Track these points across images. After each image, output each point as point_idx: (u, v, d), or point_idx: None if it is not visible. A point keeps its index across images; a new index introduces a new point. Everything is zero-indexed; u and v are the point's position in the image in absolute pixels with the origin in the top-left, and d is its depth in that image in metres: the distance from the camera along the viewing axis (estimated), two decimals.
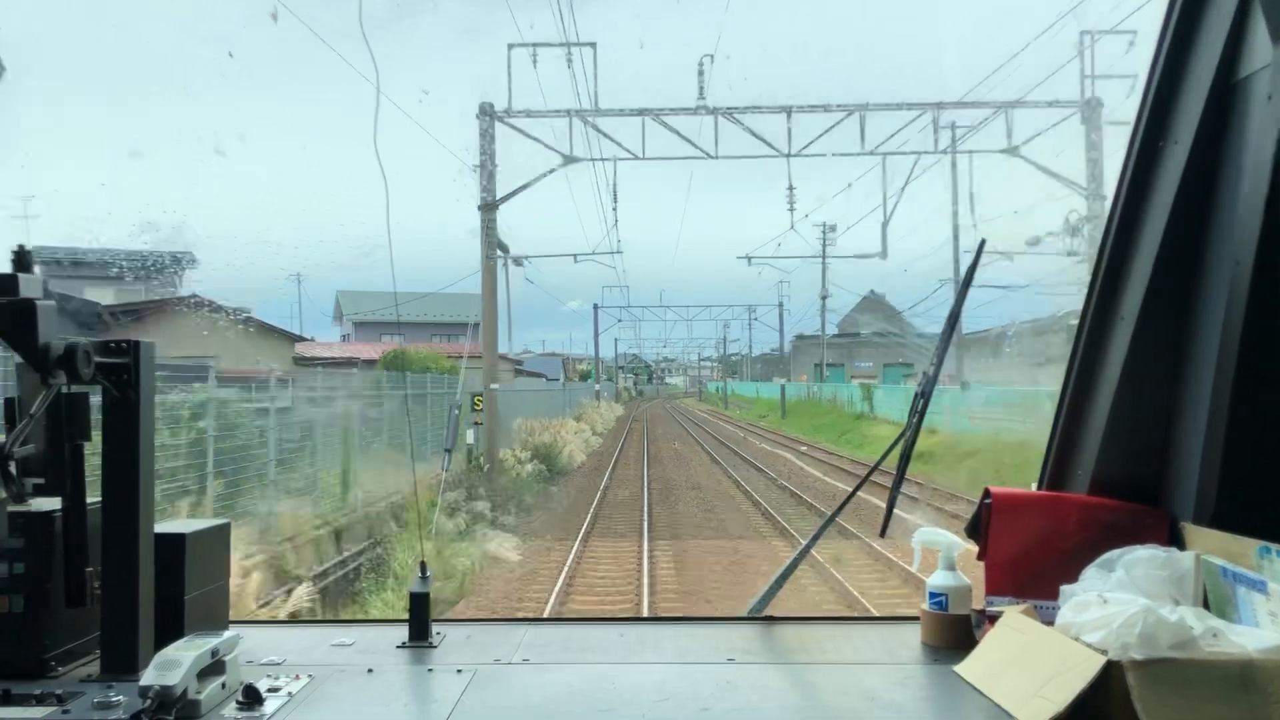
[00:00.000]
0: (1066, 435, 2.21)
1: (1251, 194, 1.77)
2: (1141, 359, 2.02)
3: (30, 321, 1.64)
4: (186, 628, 1.86)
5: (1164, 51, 2.00)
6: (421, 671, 1.92)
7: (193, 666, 1.57)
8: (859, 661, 1.97)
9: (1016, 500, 2.08)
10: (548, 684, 1.83)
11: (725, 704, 1.71)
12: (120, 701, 1.61)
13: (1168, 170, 1.98)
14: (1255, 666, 1.49)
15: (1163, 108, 2.01)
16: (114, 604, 1.81)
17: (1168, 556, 1.77)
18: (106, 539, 1.81)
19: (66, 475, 1.78)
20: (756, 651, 2.04)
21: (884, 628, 2.22)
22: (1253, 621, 1.64)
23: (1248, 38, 1.82)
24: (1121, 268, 2.09)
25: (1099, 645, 1.56)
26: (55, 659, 1.83)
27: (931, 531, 2.14)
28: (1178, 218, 1.94)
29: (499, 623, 2.32)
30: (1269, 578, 1.61)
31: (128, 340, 1.80)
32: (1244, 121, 1.83)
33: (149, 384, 1.83)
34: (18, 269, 1.67)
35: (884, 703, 1.72)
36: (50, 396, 1.68)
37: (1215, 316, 1.87)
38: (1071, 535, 2.00)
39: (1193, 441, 1.93)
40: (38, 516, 1.80)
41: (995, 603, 2.00)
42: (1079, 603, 1.69)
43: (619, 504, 19.69)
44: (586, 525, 16.77)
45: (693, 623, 2.29)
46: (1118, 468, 2.07)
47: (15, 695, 1.65)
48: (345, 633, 2.15)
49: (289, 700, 1.71)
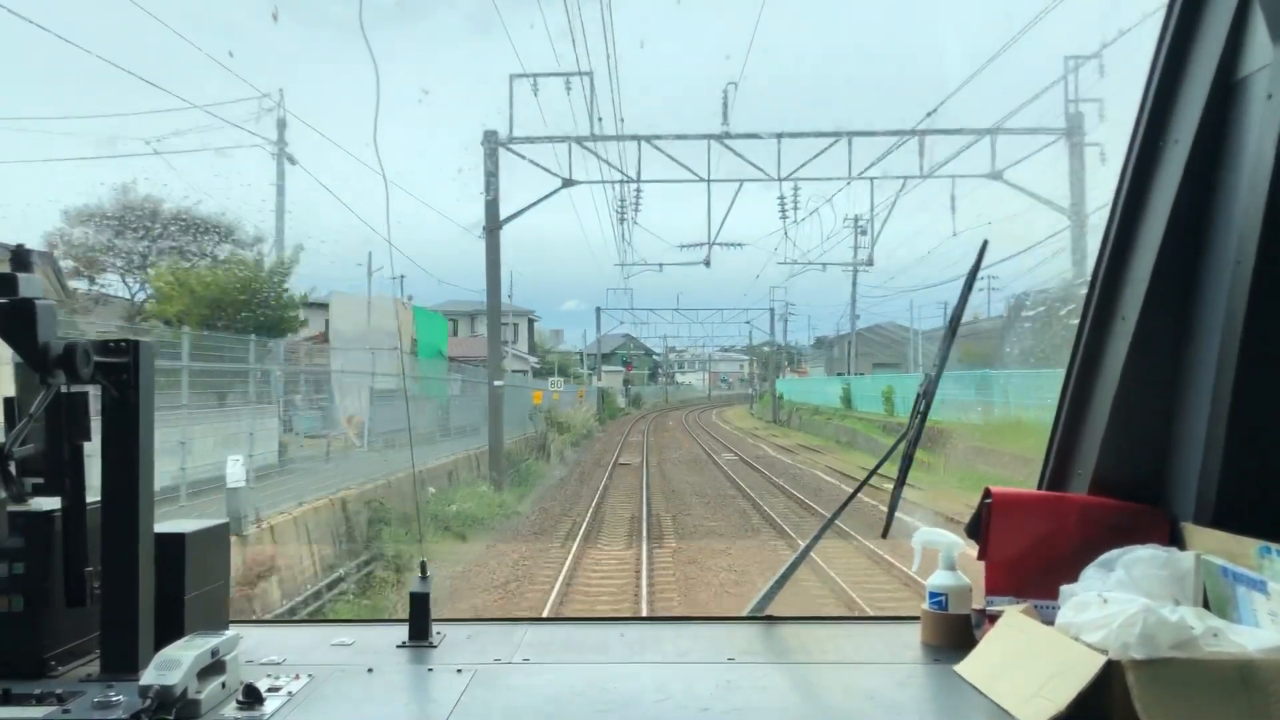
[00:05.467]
0: (1066, 435, 2.21)
1: (1251, 194, 1.77)
2: (1141, 359, 2.02)
3: (29, 321, 1.64)
4: (186, 627, 1.86)
5: (1164, 51, 2.00)
6: (421, 671, 1.92)
7: (193, 666, 1.57)
8: (859, 661, 1.97)
9: (1016, 500, 2.08)
10: (548, 684, 1.82)
11: (725, 704, 1.71)
12: (120, 701, 1.61)
13: (1168, 170, 1.98)
14: (1255, 666, 1.49)
15: (1163, 108, 2.01)
16: (114, 604, 1.81)
17: (1168, 556, 1.77)
18: (106, 539, 1.81)
19: (66, 475, 1.78)
20: (756, 651, 2.04)
21: (884, 627, 2.22)
22: (1253, 621, 1.64)
23: (1247, 38, 1.83)
24: (1121, 268, 2.09)
25: (1099, 645, 1.56)
26: (55, 659, 1.82)
27: (931, 532, 2.14)
28: (1178, 218, 1.94)
29: (499, 622, 2.32)
30: (1269, 577, 1.61)
31: (127, 340, 1.80)
32: (1244, 121, 1.83)
33: (149, 383, 1.83)
34: (16, 268, 1.67)
35: (884, 703, 1.72)
36: (49, 396, 1.68)
37: (1215, 316, 1.87)
38: (1071, 535, 2.00)
39: (1193, 441, 1.93)
40: (37, 516, 1.80)
41: (995, 602, 2.00)
42: (1079, 602, 1.69)
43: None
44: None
45: (693, 623, 2.29)
46: (1118, 468, 2.07)
47: (15, 695, 1.65)
48: (345, 632, 2.15)
49: (289, 700, 1.71)
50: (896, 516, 2.33)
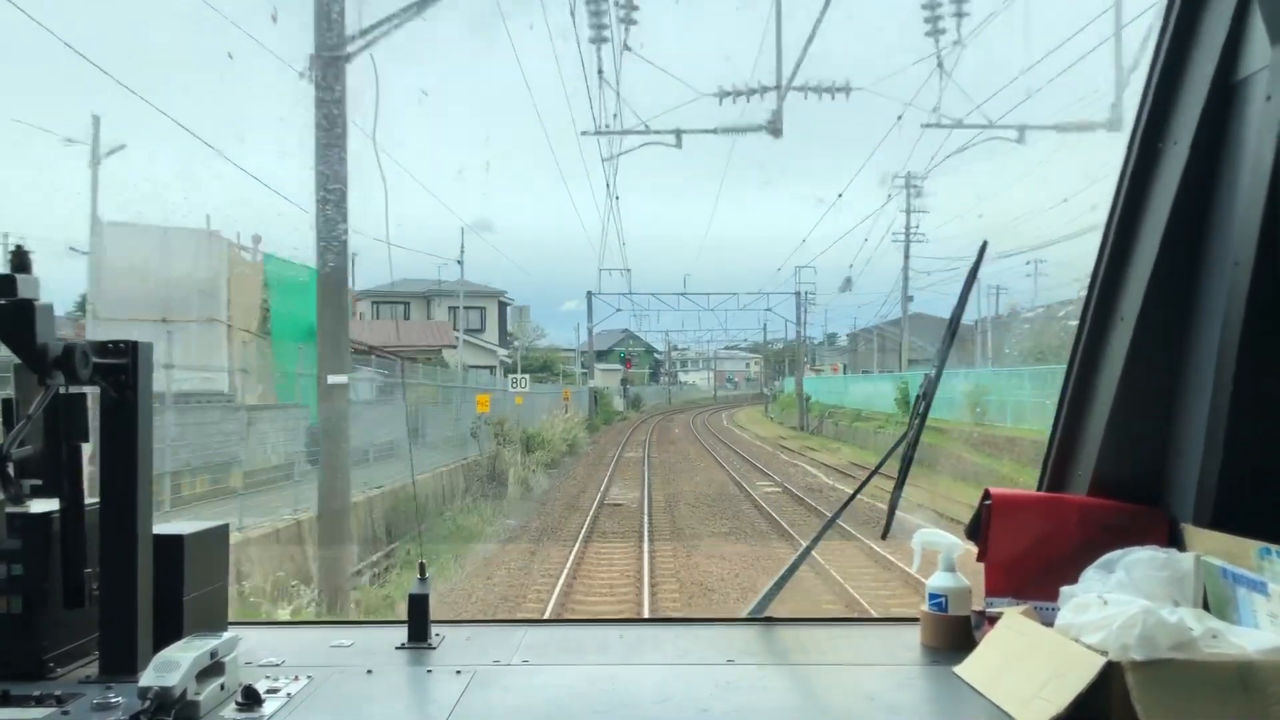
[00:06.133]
0: (1066, 436, 2.21)
1: (1251, 194, 1.77)
2: (1141, 359, 2.02)
3: (28, 322, 1.64)
4: (185, 629, 1.86)
5: (1163, 52, 2.00)
6: (420, 673, 1.91)
7: (192, 667, 1.57)
8: (859, 663, 1.97)
9: (1016, 501, 2.08)
10: (547, 685, 1.82)
11: (725, 705, 1.71)
12: (119, 703, 1.61)
13: (1167, 171, 1.98)
14: (1255, 668, 1.49)
15: (1162, 108, 2.01)
16: (113, 605, 1.81)
17: (1168, 558, 1.77)
18: (105, 540, 1.80)
19: (64, 476, 1.78)
20: (756, 652, 2.04)
21: (884, 629, 2.22)
22: (1253, 623, 1.64)
23: (1247, 38, 1.83)
24: (1121, 268, 2.09)
25: (1099, 646, 1.56)
26: (54, 660, 1.82)
27: (931, 533, 2.14)
28: (1177, 218, 1.94)
29: (498, 624, 2.32)
30: (1269, 579, 1.61)
31: (125, 341, 1.80)
32: (1243, 122, 1.83)
33: (147, 384, 1.83)
34: (16, 269, 1.67)
35: (884, 704, 1.72)
36: (48, 397, 1.68)
37: (1215, 316, 1.87)
38: (1071, 536, 2.00)
39: (1193, 442, 1.92)
40: (36, 518, 1.80)
41: (995, 604, 2.00)
42: (1079, 604, 1.69)
43: None
44: None
45: (692, 624, 2.29)
46: (1117, 468, 2.07)
47: (14, 696, 1.65)
48: (344, 634, 2.14)
49: (288, 701, 1.71)
50: (897, 516, 2.33)
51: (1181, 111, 1.96)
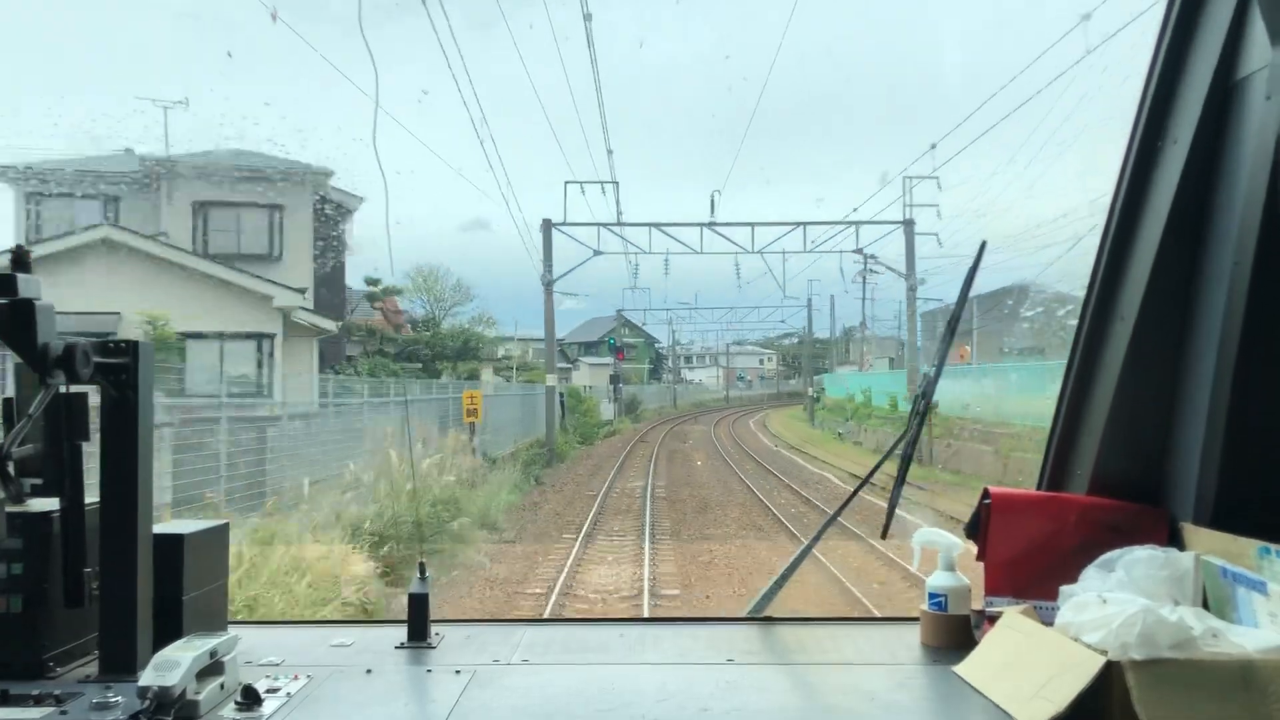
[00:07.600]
0: (1066, 435, 2.21)
1: (1251, 194, 1.77)
2: (1141, 359, 2.02)
3: (29, 321, 1.64)
4: (185, 628, 1.85)
5: (1163, 52, 2.00)
6: (420, 672, 1.91)
7: (191, 667, 1.57)
8: (858, 662, 1.97)
9: (1016, 500, 2.08)
10: (547, 684, 1.82)
11: (725, 704, 1.71)
12: (118, 702, 1.61)
13: (1167, 170, 1.98)
14: (1255, 667, 1.49)
15: (1162, 108, 2.01)
16: (112, 604, 1.80)
17: (1167, 557, 1.77)
18: (105, 539, 1.80)
19: (65, 475, 1.77)
20: (756, 652, 2.04)
21: (883, 628, 2.21)
22: (1252, 622, 1.64)
23: (1246, 38, 1.82)
24: (1121, 268, 2.09)
25: (1099, 645, 1.56)
26: (53, 659, 1.82)
27: (931, 532, 2.14)
28: (1177, 218, 1.94)
29: (498, 623, 2.32)
30: (1269, 578, 1.61)
31: (126, 340, 1.80)
32: (1243, 122, 1.83)
33: (148, 384, 1.83)
34: (16, 269, 1.67)
35: (884, 703, 1.72)
36: (48, 397, 1.68)
37: (1215, 316, 1.87)
38: (1071, 535, 2.00)
39: (1192, 441, 1.92)
40: (36, 517, 1.80)
41: (995, 603, 2.00)
42: (1078, 603, 1.69)
43: None
44: None
45: (692, 623, 2.29)
46: (1117, 468, 2.07)
47: (13, 696, 1.65)
48: (344, 633, 2.14)
49: (288, 701, 1.71)
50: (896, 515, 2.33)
51: (1181, 111, 1.96)
